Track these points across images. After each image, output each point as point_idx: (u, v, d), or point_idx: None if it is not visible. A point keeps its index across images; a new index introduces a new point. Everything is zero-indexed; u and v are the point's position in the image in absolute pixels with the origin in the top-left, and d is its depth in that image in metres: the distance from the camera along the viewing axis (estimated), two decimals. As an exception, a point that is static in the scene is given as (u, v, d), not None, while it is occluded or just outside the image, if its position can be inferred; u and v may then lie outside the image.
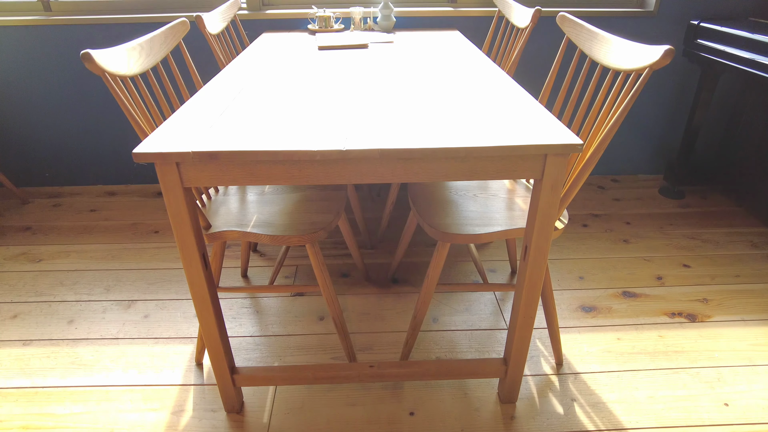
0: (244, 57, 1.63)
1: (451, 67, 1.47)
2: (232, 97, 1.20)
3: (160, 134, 0.96)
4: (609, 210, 2.25)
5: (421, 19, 2.15)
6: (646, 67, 1.06)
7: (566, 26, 1.39)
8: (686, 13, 2.16)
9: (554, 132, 0.95)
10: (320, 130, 0.98)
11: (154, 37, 1.29)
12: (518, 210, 1.32)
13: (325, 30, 1.98)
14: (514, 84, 1.28)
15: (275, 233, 1.22)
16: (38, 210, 2.32)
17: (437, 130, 0.97)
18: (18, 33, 2.15)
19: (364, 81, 1.33)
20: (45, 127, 2.36)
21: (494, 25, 1.99)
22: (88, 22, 2.12)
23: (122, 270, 1.88)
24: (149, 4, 2.19)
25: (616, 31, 2.20)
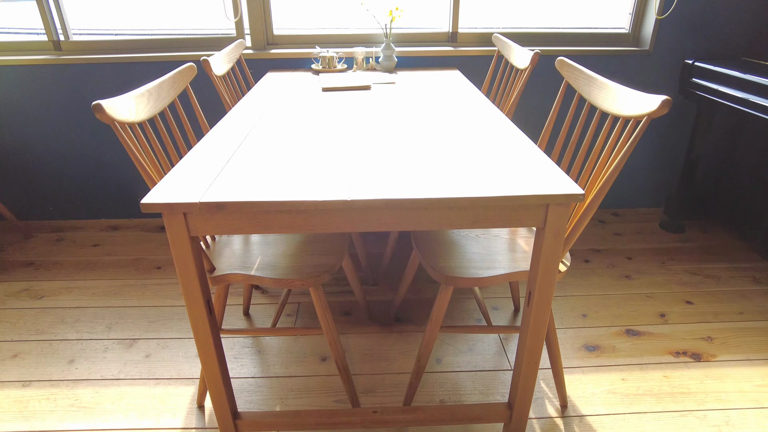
0: (250, 99, 1.66)
1: (452, 110, 1.50)
2: (238, 142, 1.22)
3: (168, 184, 0.98)
4: (610, 245, 2.26)
5: (422, 58, 2.20)
6: (644, 115, 1.08)
7: (565, 71, 1.42)
8: (681, 51, 2.22)
9: (556, 181, 0.97)
10: (325, 178, 0.99)
11: (162, 83, 1.32)
12: (521, 252, 1.32)
13: (329, 70, 2.03)
14: (514, 129, 1.30)
15: (279, 276, 1.23)
16: (41, 244, 2.33)
17: (440, 177, 0.99)
18: (29, 71, 2.19)
19: (368, 125, 1.36)
20: (50, 162, 2.39)
21: (494, 65, 2.03)
22: (97, 61, 2.17)
23: (124, 307, 1.88)
24: (156, 44, 2.24)
25: (613, 70, 2.25)
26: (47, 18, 2.17)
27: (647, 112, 1.07)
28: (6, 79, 2.20)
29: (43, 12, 2.16)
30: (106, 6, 2.52)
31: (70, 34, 2.24)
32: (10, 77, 2.20)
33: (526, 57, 1.67)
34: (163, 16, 2.73)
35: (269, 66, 2.19)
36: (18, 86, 2.22)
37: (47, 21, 2.18)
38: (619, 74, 2.26)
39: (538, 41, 2.27)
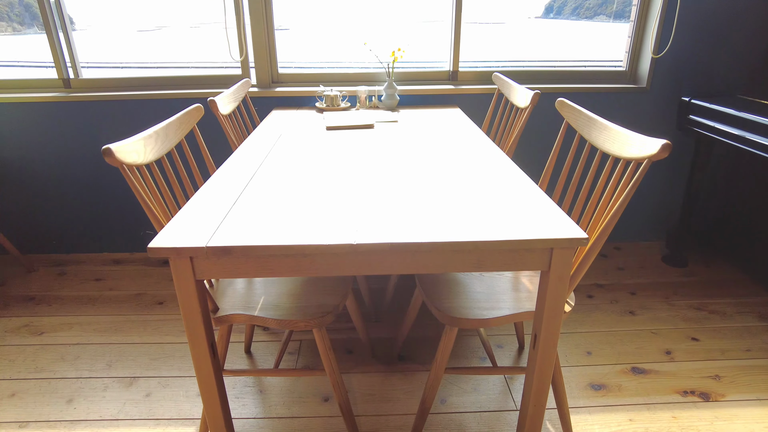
0: (255, 138, 1.69)
1: (454, 149, 1.53)
2: (244, 183, 1.24)
3: (174, 227, 0.99)
4: (613, 279, 2.25)
5: (423, 96, 2.24)
6: (645, 157, 1.10)
7: (565, 111, 1.45)
8: (678, 88, 2.26)
9: (559, 225, 0.97)
10: (330, 221, 1.00)
11: (170, 124, 1.35)
12: (524, 291, 1.32)
13: (333, 108, 2.07)
14: (516, 169, 1.32)
15: (282, 317, 1.22)
16: (43, 278, 2.33)
17: (444, 220, 1.00)
18: (38, 108, 2.24)
19: (372, 165, 1.38)
20: (54, 195, 2.41)
21: (494, 103, 2.07)
22: (106, 99, 2.21)
23: (125, 344, 1.86)
24: (163, 82, 2.29)
25: (611, 106, 2.29)
26: (58, 55, 2.23)
27: (648, 155, 1.08)
28: (15, 116, 2.25)
29: (54, 50, 2.22)
30: (116, 40, 2.59)
31: (79, 70, 2.30)
32: (19, 114, 2.24)
33: (526, 96, 1.70)
34: (171, 49, 2.79)
35: (274, 104, 2.24)
36: (27, 122, 2.26)
37: (58, 58, 2.24)
38: (618, 110, 2.30)
39: (538, 79, 2.32)
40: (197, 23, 11.23)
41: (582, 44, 5.10)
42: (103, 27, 3.53)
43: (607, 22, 12.51)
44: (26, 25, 5.79)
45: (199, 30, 11.27)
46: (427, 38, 2.36)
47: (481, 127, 2.11)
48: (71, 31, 2.27)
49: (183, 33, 10.69)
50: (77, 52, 2.31)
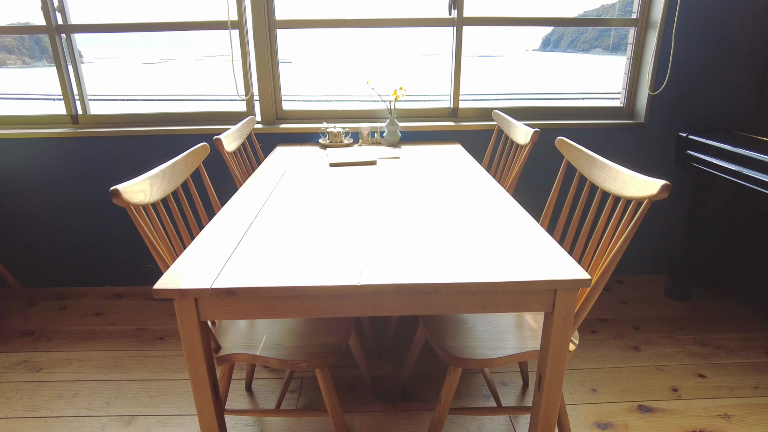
0: (260, 175, 1.72)
1: (455, 186, 1.54)
2: (248, 222, 1.25)
3: (179, 268, 0.99)
4: (616, 314, 2.24)
5: (424, 132, 2.28)
6: (645, 197, 1.11)
7: (565, 150, 1.48)
8: (675, 124, 2.30)
9: (563, 266, 0.98)
10: (334, 261, 1.01)
11: (176, 163, 1.37)
12: (528, 329, 1.32)
13: (336, 145, 2.10)
14: (518, 208, 1.34)
15: (285, 357, 1.21)
16: (43, 312, 2.32)
17: (447, 260, 1.00)
18: (46, 144, 2.27)
19: (375, 203, 1.39)
20: (57, 229, 2.43)
21: (494, 140, 2.11)
22: (113, 134, 2.25)
23: (125, 381, 1.84)
24: (170, 118, 2.34)
25: (610, 141, 2.33)
26: (67, 90, 2.28)
27: (648, 195, 1.10)
28: (24, 151, 2.28)
29: (63, 84, 2.27)
30: (123, 73, 2.65)
31: (87, 105, 2.35)
32: (27, 149, 2.28)
33: (525, 134, 1.73)
34: (176, 82, 2.85)
35: (278, 140, 2.27)
36: (34, 157, 2.29)
37: (67, 93, 2.29)
38: (616, 146, 2.33)
39: (537, 115, 2.36)
40: (202, 56, 11.60)
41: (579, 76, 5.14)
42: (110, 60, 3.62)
43: (603, 54, 13.14)
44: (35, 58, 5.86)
45: (203, 62, 11.78)
46: (428, 70, 2.42)
47: (482, 163, 2.14)
48: (80, 64, 2.33)
49: (188, 65, 10.98)
50: (85, 86, 2.36)
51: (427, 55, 37.94)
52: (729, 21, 2.15)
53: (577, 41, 33.05)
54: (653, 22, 2.19)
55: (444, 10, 2.21)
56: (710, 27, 2.16)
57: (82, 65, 2.36)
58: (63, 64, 2.25)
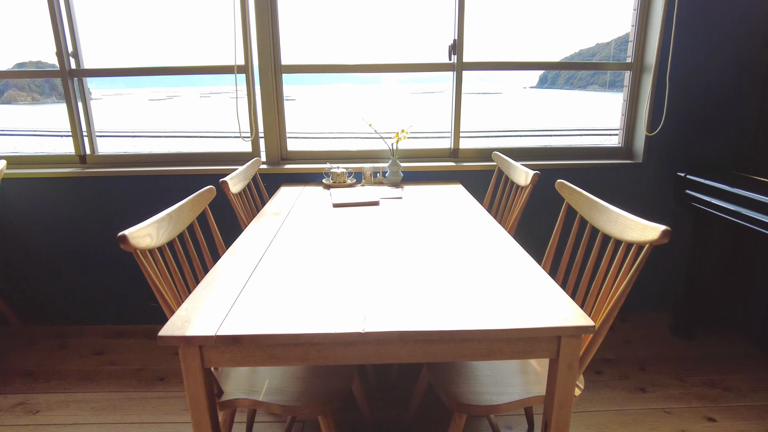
0: (264, 217, 1.74)
1: (458, 229, 1.56)
2: (252, 266, 1.27)
3: (184, 314, 1.00)
4: (621, 353, 2.22)
5: (426, 172, 2.32)
6: (646, 242, 1.13)
7: (565, 193, 1.50)
8: (673, 163, 2.33)
9: (566, 312, 0.98)
10: (338, 306, 1.02)
11: (183, 206, 1.40)
12: (533, 373, 1.30)
13: (339, 185, 2.13)
14: (520, 251, 1.35)
15: (287, 402, 1.20)
16: (43, 351, 2.30)
17: (451, 306, 1.01)
18: (55, 183, 2.31)
19: (378, 246, 1.41)
20: (60, 267, 2.43)
21: (494, 181, 2.14)
22: (120, 174, 2.29)
23: (123, 424, 1.81)
24: (176, 158, 2.38)
25: (608, 180, 2.36)
26: (76, 129, 2.34)
27: (649, 239, 1.11)
28: (31, 190, 2.32)
29: (74, 127, 2.33)
30: (129, 109, 2.71)
31: (95, 142, 2.40)
32: (35, 188, 2.31)
33: (526, 176, 1.76)
34: (182, 118, 2.91)
35: (282, 180, 2.31)
36: (41, 196, 2.33)
37: (76, 132, 2.34)
38: (615, 185, 2.36)
39: (536, 155, 2.40)
40: (207, 93, 12.00)
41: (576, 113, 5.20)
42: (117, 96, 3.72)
43: (600, 91, 13.40)
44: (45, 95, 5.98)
45: (209, 99, 12.03)
46: (428, 107, 2.48)
47: (483, 203, 2.17)
48: (89, 100, 2.39)
49: (193, 102, 11.21)
50: (94, 127, 2.42)
51: (427, 93, 38.85)
52: (722, 64, 2.22)
53: (573, 78, 33.79)
54: (647, 66, 2.26)
55: (442, 51, 2.28)
56: (703, 71, 2.23)
57: (91, 101, 2.42)
58: (73, 106, 2.31)
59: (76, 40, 2.26)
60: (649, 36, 2.24)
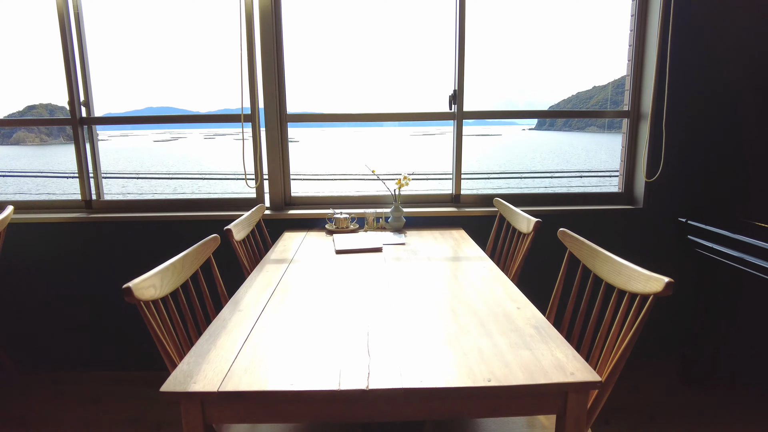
0: (267, 265, 1.74)
1: (461, 276, 1.56)
2: (255, 317, 1.26)
3: (185, 368, 0.99)
4: (628, 402, 2.16)
5: (428, 218, 2.34)
6: (650, 293, 1.13)
7: (568, 241, 1.51)
8: (674, 208, 2.34)
9: (572, 366, 0.97)
10: (341, 361, 1.01)
11: (187, 256, 1.41)
12: (539, 427, 1.27)
13: (342, 231, 2.15)
14: (524, 300, 1.35)
15: (289, 459, 1.17)
16: (39, 399, 2.25)
17: (456, 359, 1.00)
18: (60, 228, 2.33)
19: (381, 295, 1.40)
20: (59, 312, 2.42)
21: (496, 226, 2.16)
22: (125, 220, 2.31)
23: (117, 479, 1.75)
24: (180, 204, 2.41)
25: (609, 225, 2.37)
26: (84, 179, 2.38)
27: (652, 291, 1.11)
28: (35, 235, 2.33)
29: (81, 173, 2.37)
30: (134, 150, 2.76)
31: (102, 191, 2.43)
32: (39, 233, 2.33)
33: (528, 223, 1.77)
34: (186, 158, 2.95)
35: (286, 225, 2.32)
36: (45, 241, 2.34)
37: (83, 181, 2.38)
38: (616, 230, 2.37)
39: (537, 201, 2.42)
40: (211, 134, 12.30)
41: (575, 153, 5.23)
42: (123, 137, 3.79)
43: (598, 132, 13.59)
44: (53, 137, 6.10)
45: (213, 141, 12.31)
46: (427, 148, 2.52)
47: (485, 249, 2.17)
48: (97, 142, 2.43)
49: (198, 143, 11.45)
50: (101, 171, 2.46)
51: (427, 135, 39.62)
52: (719, 110, 2.27)
53: (572, 120, 34.48)
54: (644, 114, 2.31)
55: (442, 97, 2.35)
56: (703, 117, 2.26)
57: (98, 142, 2.47)
58: (82, 152, 2.35)
59: (88, 89, 2.33)
60: (645, 84, 2.30)
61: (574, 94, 32.17)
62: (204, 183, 17.08)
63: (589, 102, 29.56)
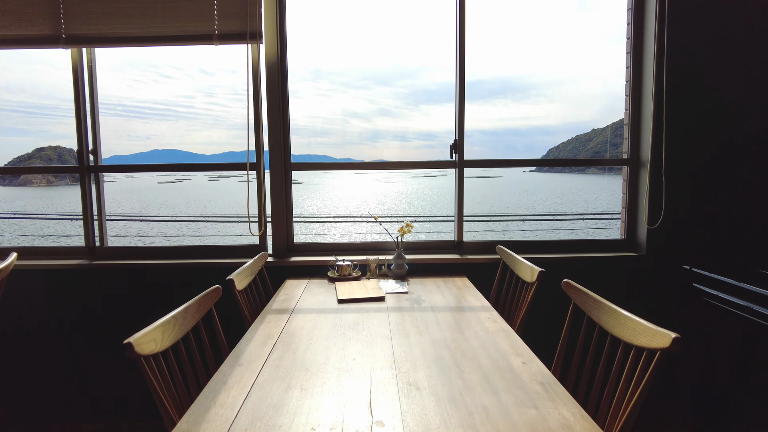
0: (268, 316, 1.73)
1: (465, 329, 1.54)
2: (255, 373, 1.24)
3: (185, 427, 0.97)
4: (642, 459, 2.08)
5: (431, 265, 2.33)
6: (657, 349, 1.11)
7: (572, 293, 1.50)
8: (677, 255, 2.33)
9: (581, 426, 0.95)
10: (344, 420, 0.98)
11: (188, 308, 1.40)
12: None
13: (344, 278, 2.14)
14: (530, 354, 1.32)
15: None
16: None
17: (462, 424, 0.97)
18: (63, 275, 2.33)
19: (384, 347, 1.38)
20: (58, 360, 2.38)
21: (499, 274, 2.15)
22: (127, 266, 2.31)
23: None
24: (182, 252, 2.42)
25: (612, 272, 2.35)
26: (88, 225, 2.39)
27: (659, 346, 1.10)
28: (37, 281, 2.33)
29: (86, 219, 2.39)
30: (139, 192, 2.78)
31: (106, 237, 2.44)
32: (41, 279, 2.33)
33: (531, 273, 1.77)
34: (190, 200, 2.97)
35: (288, 272, 2.32)
36: (45, 288, 2.33)
37: (87, 228, 2.40)
38: (620, 277, 2.35)
39: (540, 248, 2.42)
40: (216, 176, 12.45)
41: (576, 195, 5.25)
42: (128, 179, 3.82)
43: (598, 174, 13.70)
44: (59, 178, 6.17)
45: (218, 182, 12.49)
46: (429, 189, 2.54)
47: (489, 297, 2.15)
48: (102, 185, 2.46)
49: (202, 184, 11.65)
50: (105, 216, 2.48)
51: (428, 177, 40.16)
52: (720, 156, 2.29)
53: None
54: (643, 162, 2.34)
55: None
56: (700, 165, 2.29)
57: (104, 185, 2.49)
58: (88, 199, 2.38)
59: (97, 138, 2.39)
60: (643, 133, 2.34)
61: (574, 137, 32.73)
62: (208, 225, 17.18)
63: (588, 144, 30.03)
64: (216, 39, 2.18)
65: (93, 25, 2.20)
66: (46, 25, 2.21)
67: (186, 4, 2.18)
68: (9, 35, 2.21)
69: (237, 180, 11.53)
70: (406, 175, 44.73)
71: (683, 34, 2.22)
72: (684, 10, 2.21)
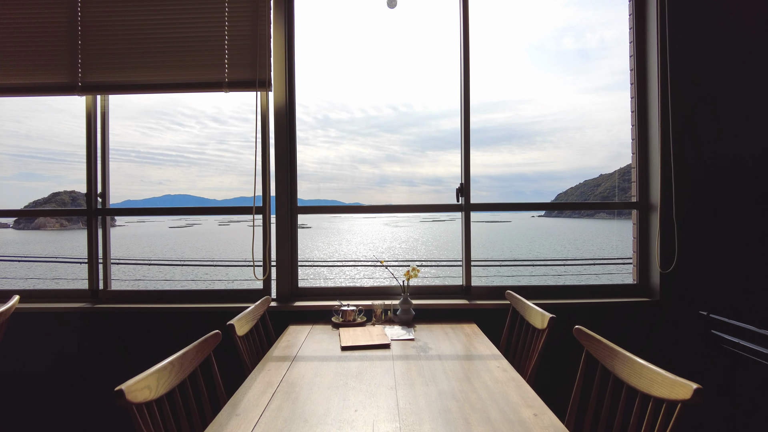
0: (269, 363, 1.67)
1: (475, 378, 1.47)
2: (253, 421, 1.18)
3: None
4: None
5: (438, 310, 2.27)
6: (677, 401, 1.04)
7: (584, 340, 1.44)
8: (693, 300, 2.25)
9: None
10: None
11: (186, 353, 1.35)
12: None
13: (349, 324, 2.08)
14: (543, 407, 1.25)
15: None
16: None
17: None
18: (64, 318, 2.29)
19: (389, 398, 1.32)
20: (54, 404, 2.31)
21: (509, 320, 2.08)
22: (129, 310, 2.28)
23: None
24: (185, 296, 2.39)
25: (626, 318, 2.27)
26: (93, 269, 2.38)
27: (679, 398, 1.03)
28: (37, 324, 2.29)
29: (91, 263, 2.38)
30: (149, 236, 2.77)
31: (110, 280, 2.42)
32: (42, 322, 2.29)
33: (542, 319, 1.71)
34: (200, 244, 2.96)
35: (291, 317, 2.26)
36: (47, 331, 2.30)
37: (92, 272, 2.38)
38: (634, 323, 2.27)
39: (550, 293, 2.36)
40: (226, 221, 12.67)
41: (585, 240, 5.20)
42: (139, 224, 3.87)
43: (608, 219, 13.65)
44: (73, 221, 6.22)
45: (227, 227, 12.65)
46: (436, 233, 2.51)
47: (499, 345, 2.07)
48: (110, 228, 2.46)
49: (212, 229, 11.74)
50: (110, 260, 2.47)
51: (436, 221, 40.24)
52: (729, 198, 2.25)
53: (581, 207, 34.76)
54: (653, 205, 2.31)
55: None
56: (711, 207, 2.25)
57: (112, 229, 2.50)
58: (94, 241, 2.38)
59: (106, 182, 2.41)
60: (651, 177, 2.32)
61: (582, 182, 32.81)
62: (217, 270, 17.17)
63: (596, 189, 30.06)
64: (226, 86, 2.24)
65: (107, 74, 2.28)
66: (63, 74, 2.29)
67: (198, 54, 2.25)
68: (32, 83, 2.30)
69: (247, 224, 11.77)
70: (414, 220, 44.85)
71: (687, 78, 2.24)
72: (685, 50, 2.24)
